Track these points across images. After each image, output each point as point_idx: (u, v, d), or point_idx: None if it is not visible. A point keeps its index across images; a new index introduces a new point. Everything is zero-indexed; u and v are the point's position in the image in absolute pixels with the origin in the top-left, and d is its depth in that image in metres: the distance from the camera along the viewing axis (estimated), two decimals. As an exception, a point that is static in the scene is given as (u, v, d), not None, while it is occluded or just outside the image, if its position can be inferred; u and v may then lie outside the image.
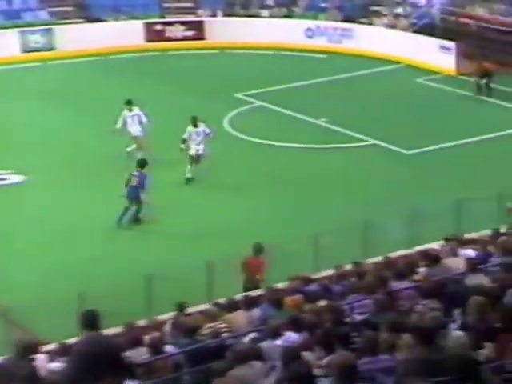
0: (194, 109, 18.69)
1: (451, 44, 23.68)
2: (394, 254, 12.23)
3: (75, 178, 16.75)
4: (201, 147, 16.76)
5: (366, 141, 19.07)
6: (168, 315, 10.48)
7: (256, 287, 11.99)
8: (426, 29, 24.75)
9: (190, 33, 26.82)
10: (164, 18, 27.46)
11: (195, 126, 16.85)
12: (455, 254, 11.06)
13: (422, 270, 10.49)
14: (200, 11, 27.72)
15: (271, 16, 27.39)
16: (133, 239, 14.77)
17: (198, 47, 26.06)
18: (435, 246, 12.04)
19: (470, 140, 18.77)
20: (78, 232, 14.67)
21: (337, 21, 26.66)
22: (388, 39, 25.16)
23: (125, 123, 17.39)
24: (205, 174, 16.79)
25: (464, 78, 23.19)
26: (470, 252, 11.03)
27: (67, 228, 14.81)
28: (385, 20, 26.26)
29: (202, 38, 26.73)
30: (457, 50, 23.66)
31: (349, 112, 20.68)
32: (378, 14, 26.65)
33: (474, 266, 9.70)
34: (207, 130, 16.93)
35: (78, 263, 13.57)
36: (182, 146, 16.68)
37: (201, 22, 27.04)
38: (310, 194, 16.28)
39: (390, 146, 18.66)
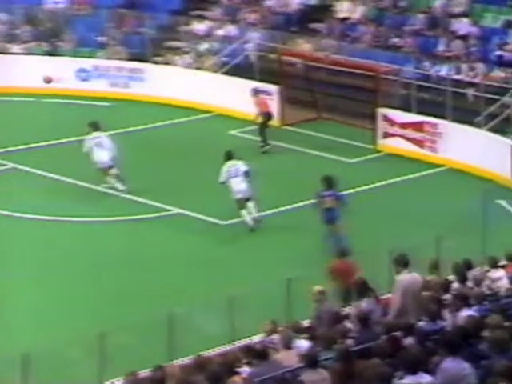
0: None
1: (272, 88, 24.91)
2: (208, 353, 12.38)
3: None
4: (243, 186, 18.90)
5: (169, 210, 19.52)
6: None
7: (350, 292, 13.66)
8: (240, 69, 25.88)
9: None
10: None
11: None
12: (288, 347, 11.38)
13: (244, 369, 10.68)
14: None
15: (27, 53, 27.57)
16: None
17: None
18: (262, 338, 12.33)
19: (298, 205, 19.64)
20: None
21: (121, 59, 27.30)
22: (191, 82, 26.04)
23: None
24: None
25: (290, 128, 24.40)
26: (305, 343, 11.40)
27: None
28: (186, 59, 27.16)
29: None
30: (279, 95, 24.92)
31: (142, 174, 21.04)
32: (176, 51, 27.52)
33: (310, 359, 10.04)
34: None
35: None
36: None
37: None
38: (93, 283, 16.35)
39: (201, 216, 19.19)
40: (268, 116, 23.63)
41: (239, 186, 18.81)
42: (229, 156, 19.30)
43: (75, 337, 13.35)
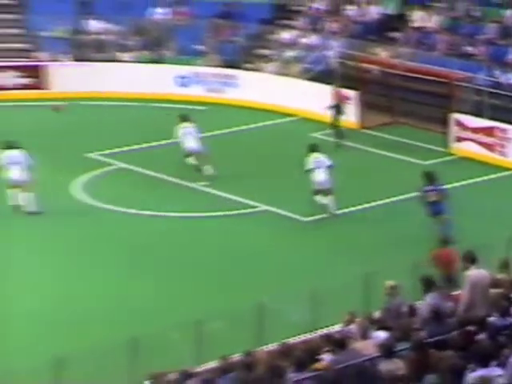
0: (35, 173, 18.88)
1: (351, 93, 24.87)
2: (292, 340, 12.49)
3: None
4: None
5: (256, 207, 19.59)
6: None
7: (453, 279, 13.91)
8: (323, 75, 25.87)
9: (25, 80, 26.91)
10: (-10, 61, 27.39)
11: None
12: (365, 337, 11.44)
13: (324, 356, 10.78)
14: (39, 54, 27.80)
15: (135, 61, 27.92)
16: None
17: (37, 98, 26.14)
18: (341, 327, 12.41)
19: (376, 204, 19.61)
20: None
21: (217, 66, 27.46)
22: (278, 88, 26.10)
23: None
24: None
25: (368, 131, 24.31)
26: (382, 334, 11.43)
27: None
28: (274, 65, 27.29)
29: (41, 87, 26.80)
30: (358, 100, 24.86)
31: (233, 174, 21.21)
32: (265, 58, 27.64)
33: (386, 349, 10.09)
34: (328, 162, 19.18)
35: None
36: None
37: (39, 68, 27.09)
38: (189, 273, 16.53)
39: (285, 213, 19.21)
40: (337, 107, 23.63)
41: (320, 177, 18.94)
42: (313, 148, 19.47)
43: (175, 323, 13.52)
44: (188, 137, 21.11)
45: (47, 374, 11.46)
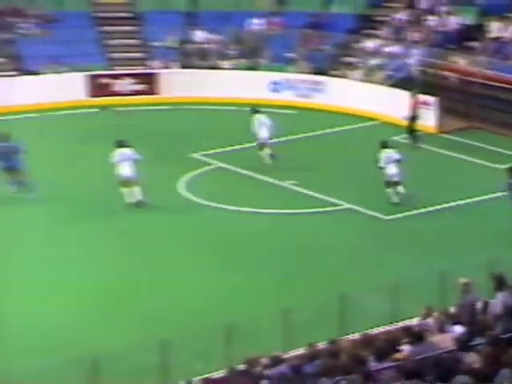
0: (142, 169, 19.23)
1: (431, 99, 24.51)
2: (373, 331, 12.43)
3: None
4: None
5: (340, 205, 19.53)
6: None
7: None
8: (404, 82, 25.58)
9: (139, 86, 27.38)
10: (110, 69, 27.99)
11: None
12: (442, 330, 11.30)
13: (404, 348, 10.69)
14: (152, 62, 28.32)
15: (233, 68, 28.12)
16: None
17: (150, 102, 26.56)
18: (419, 321, 12.29)
19: (454, 204, 19.31)
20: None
21: (306, 73, 27.44)
22: (362, 93, 25.94)
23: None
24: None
25: (446, 136, 23.94)
26: (459, 328, 11.28)
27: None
28: (358, 72, 27.12)
29: (153, 93, 27.28)
30: (437, 106, 24.50)
31: (320, 173, 21.21)
32: (350, 65, 27.50)
33: (463, 343, 9.95)
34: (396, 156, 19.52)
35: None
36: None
37: (152, 75, 27.59)
38: (278, 265, 16.59)
39: (367, 211, 19.11)
40: (414, 113, 23.50)
41: (392, 170, 19.19)
42: (384, 145, 19.72)
43: (264, 311, 13.64)
44: (262, 127, 21.44)
45: (153, 352, 11.57)
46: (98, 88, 27.04)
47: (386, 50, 27.32)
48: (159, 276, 16.23)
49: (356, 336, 12.07)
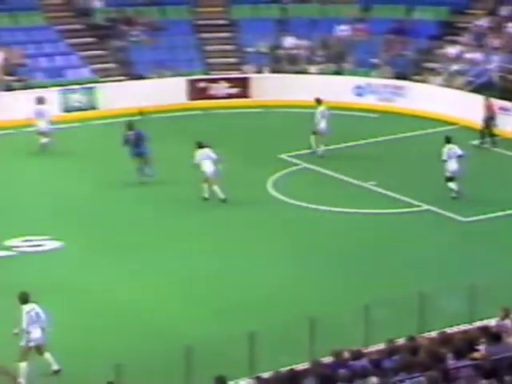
0: (234, 169, 19.38)
1: (509, 104, 23.83)
2: (451, 330, 12.22)
3: (111, 243, 17.23)
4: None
5: (419, 206, 19.23)
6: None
7: None
8: (484, 88, 24.97)
9: (234, 90, 27.52)
10: (208, 74, 28.23)
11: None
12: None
13: (481, 347, 10.48)
14: (245, 67, 28.51)
15: (320, 72, 27.99)
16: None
17: (242, 105, 26.72)
18: (497, 322, 12.01)
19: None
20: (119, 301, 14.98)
21: (388, 78, 27.09)
22: (443, 98, 25.43)
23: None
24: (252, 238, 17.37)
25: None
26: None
27: (110, 297, 15.12)
28: (439, 78, 26.61)
29: (246, 96, 27.40)
30: (516, 111, 23.89)
31: (400, 175, 20.95)
32: (432, 71, 27.01)
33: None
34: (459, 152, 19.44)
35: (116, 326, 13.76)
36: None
37: (246, 79, 27.72)
38: (359, 263, 16.46)
39: (446, 213, 18.77)
40: (490, 119, 22.93)
41: (453, 166, 19.10)
42: (448, 140, 19.63)
43: (345, 306, 13.60)
44: (323, 120, 21.77)
45: (240, 343, 11.64)
46: (197, 92, 27.28)
47: (468, 56, 26.74)
48: (248, 268, 16.29)
49: (434, 334, 11.88)
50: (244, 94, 27.37)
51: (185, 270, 16.09)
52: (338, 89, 26.62)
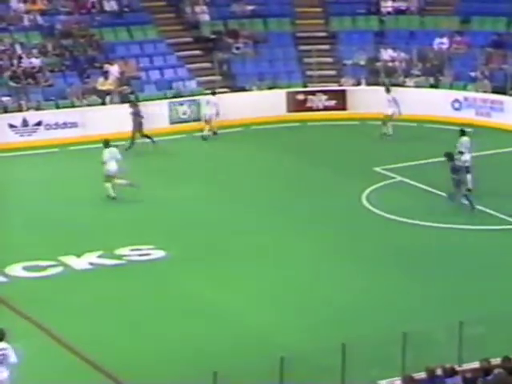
0: (330, 182, 19.67)
1: None
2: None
3: (216, 254, 17.59)
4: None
5: (512, 222, 19.00)
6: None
7: None
8: None
9: (331, 102, 27.73)
10: (306, 86, 28.45)
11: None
12: None
13: None
14: (343, 80, 28.69)
15: (417, 86, 27.84)
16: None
17: (339, 118, 26.86)
18: None
19: None
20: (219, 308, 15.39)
21: (486, 92, 26.74)
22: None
23: None
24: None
25: None
26: None
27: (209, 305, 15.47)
28: (539, 93, 26.12)
29: (343, 108, 27.57)
30: None
31: (496, 191, 20.64)
32: (531, 85, 26.57)
33: None
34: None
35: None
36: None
37: (343, 92, 27.85)
38: (455, 279, 16.32)
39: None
40: None
41: (467, 156, 20.14)
42: (463, 133, 20.64)
43: (439, 323, 13.55)
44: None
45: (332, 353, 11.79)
46: (296, 104, 27.55)
47: None
48: (340, 279, 16.42)
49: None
50: (341, 107, 27.57)
51: (279, 280, 16.31)
52: (435, 102, 26.41)
